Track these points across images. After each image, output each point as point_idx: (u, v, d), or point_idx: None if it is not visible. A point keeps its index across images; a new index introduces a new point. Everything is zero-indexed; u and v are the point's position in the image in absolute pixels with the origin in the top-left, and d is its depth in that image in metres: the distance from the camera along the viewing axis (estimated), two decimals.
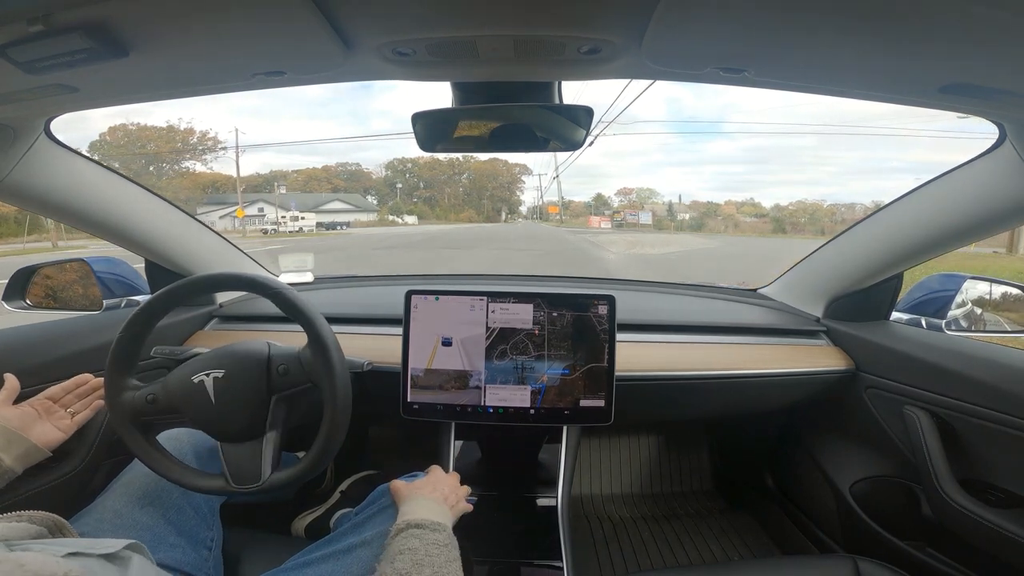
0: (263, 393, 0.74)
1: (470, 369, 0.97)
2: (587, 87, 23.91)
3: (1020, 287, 1.11)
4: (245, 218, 37.48)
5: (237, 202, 39.21)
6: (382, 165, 76.21)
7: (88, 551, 0.47)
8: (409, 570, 0.58)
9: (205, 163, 44.38)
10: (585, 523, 1.51)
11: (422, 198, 76.92)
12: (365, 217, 53.69)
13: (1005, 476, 0.86)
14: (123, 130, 43.65)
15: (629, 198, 73.73)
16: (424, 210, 72.47)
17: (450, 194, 78.25)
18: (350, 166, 73.51)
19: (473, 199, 79.21)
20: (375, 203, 66.69)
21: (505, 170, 79.67)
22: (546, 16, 0.54)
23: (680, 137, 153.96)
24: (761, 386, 1.13)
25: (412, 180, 77.60)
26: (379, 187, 72.98)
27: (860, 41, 0.51)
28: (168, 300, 0.76)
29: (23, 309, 1.12)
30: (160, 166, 43.71)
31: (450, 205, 76.71)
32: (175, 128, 45.65)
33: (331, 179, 68.11)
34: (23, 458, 0.71)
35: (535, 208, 76.16)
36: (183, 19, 0.51)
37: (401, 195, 73.84)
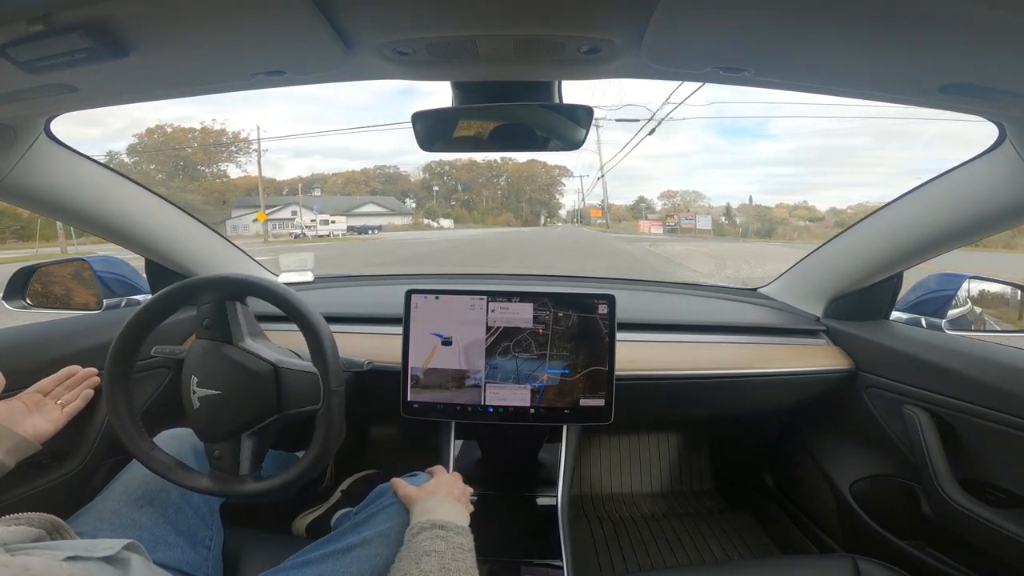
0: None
1: (470, 368, 0.97)
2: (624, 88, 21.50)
3: (1020, 287, 1.11)
4: (280, 221, 37.60)
5: (274, 204, 39.36)
6: (420, 168, 75.43)
7: (87, 554, 0.47)
8: (437, 574, 0.58)
9: (239, 165, 44.32)
10: (585, 522, 1.51)
11: (459, 201, 75.69)
12: (399, 220, 52.47)
13: (1005, 476, 0.86)
14: (160, 131, 43.75)
15: (673, 201, 70.21)
16: (461, 213, 71.09)
17: (487, 197, 76.80)
18: (388, 169, 73.05)
19: (511, 202, 77.59)
20: (412, 206, 65.60)
21: (544, 172, 78.18)
22: (546, 16, 0.54)
23: (724, 138, 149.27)
24: (761, 386, 1.13)
25: (449, 183, 76.36)
26: (417, 190, 72.03)
27: (860, 41, 0.51)
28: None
29: (23, 308, 1.13)
30: (197, 168, 43.67)
31: (487, 208, 75.26)
32: (209, 129, 45.78)
33: (369, 182, 67.71)
34: (14, 452, 0.71)
35: (575, 211, 74.14)
36: (183, 19, 0.51)
37: (438, 198, 72.71)
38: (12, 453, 0.71)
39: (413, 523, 0.68)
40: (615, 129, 54.93)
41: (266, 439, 0.77)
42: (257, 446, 0.75)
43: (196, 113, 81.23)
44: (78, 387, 0.85)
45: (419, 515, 0.69)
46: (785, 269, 1.39)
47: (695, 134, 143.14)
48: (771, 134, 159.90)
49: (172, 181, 41.91)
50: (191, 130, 44.87)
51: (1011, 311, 1.16)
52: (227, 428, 0.73)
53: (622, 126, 47.15)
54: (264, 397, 0.73)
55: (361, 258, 13.95)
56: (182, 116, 70.31)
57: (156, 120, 58.44)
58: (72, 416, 0.82)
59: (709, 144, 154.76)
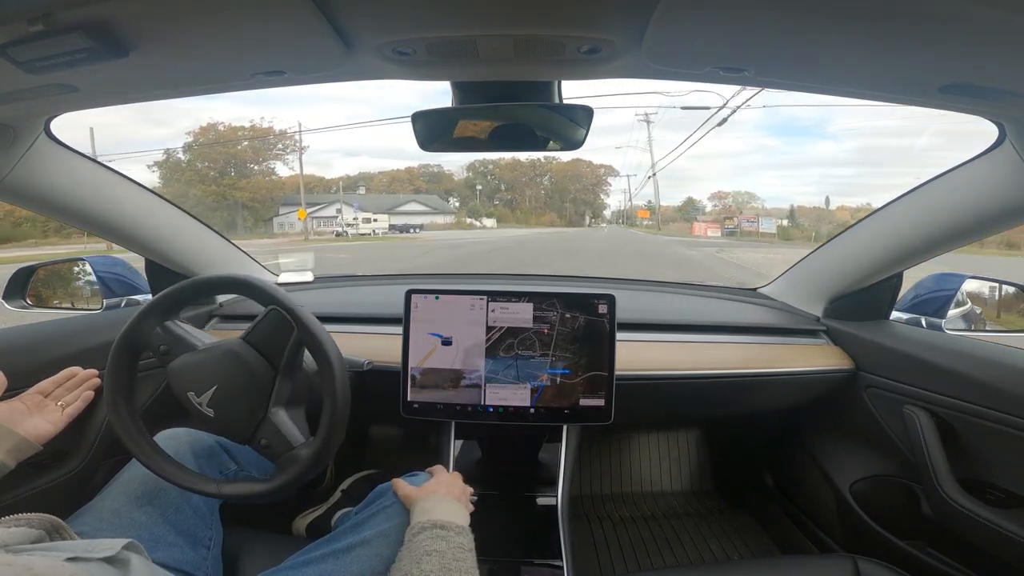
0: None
1: (470, 368, 0.97)
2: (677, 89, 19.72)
3: (1020, 286, 1.12)
4: (324, 219, 37.54)
5: (320, 202, 39.11)
6: (464, 167, 73.78)
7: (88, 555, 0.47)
8: (438, 574, 0.58)
9: (287, 163, 44.27)
10: (585, 522, 1.51)
11: (503, 200, 73.93)
12: (442, 219, 51.16)
13: (1005, 476, 0.86)
14: (213, 129, 43.93)
15: (724, 202, 65.61)
16: (504, 213, 69.27)
17: (531, 196, 74.74)
18: (432, 168, 71.29)
19: (555, 201, 74.92)
20: (456, 205, 64.42)
21: (589, 171, 75.54)
22: (546, 16, 0.54)
23: (778, 138, 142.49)
24: (761, 385, 1.13)
25: (493, 182, 74.74)
26: (460, 189, 70.68)
27: (860, 41, 0.51)
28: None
29: (23, 308, 1.13)
30: (247, 166, 43.78)
31: (531, 208, 73.26)
32: (257, 127, 45.61)
33: (413, 181, 66.54)
34: (14, 452, 0.71)
35: (620, 212, 71.29)
36: (183, 19, 0.51)
37: (481, 197, 71.32)
38: (12, 453, 0.71)
39: (413, 523, 0.68)
40: (664, 128, 53.14)
41: (295, 401, 0.76)
42: (291, 413, 0.75)
43: (248, 112, 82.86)
44: (78, 388, 0.85)
45: (419, 515, 0.69)
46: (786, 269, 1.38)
47: (747, 134, 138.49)
48: (830, 134, 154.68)
49: (223, 178, 42.01)
50: (241, 128, 45.18)
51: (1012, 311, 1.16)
52: (248, 413, 0.73)
53: (672, 124, 44.91)
54: (252, 366, 0.73)
55: (375, 263, 12.71)
56: (237, 116, 71.88)
57: (209, 119, 58.99)
58: (72, 417, 0.82)
59: (762, 144, 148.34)
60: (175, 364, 0.75)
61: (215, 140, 42.67)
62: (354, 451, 1.56)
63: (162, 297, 0.77)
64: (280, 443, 0.72)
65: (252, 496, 0.74)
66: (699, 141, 24.02)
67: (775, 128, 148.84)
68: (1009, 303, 1.17)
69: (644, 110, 48.91)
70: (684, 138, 40.39)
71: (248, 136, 43.08)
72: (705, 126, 21.36)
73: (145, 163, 42.46)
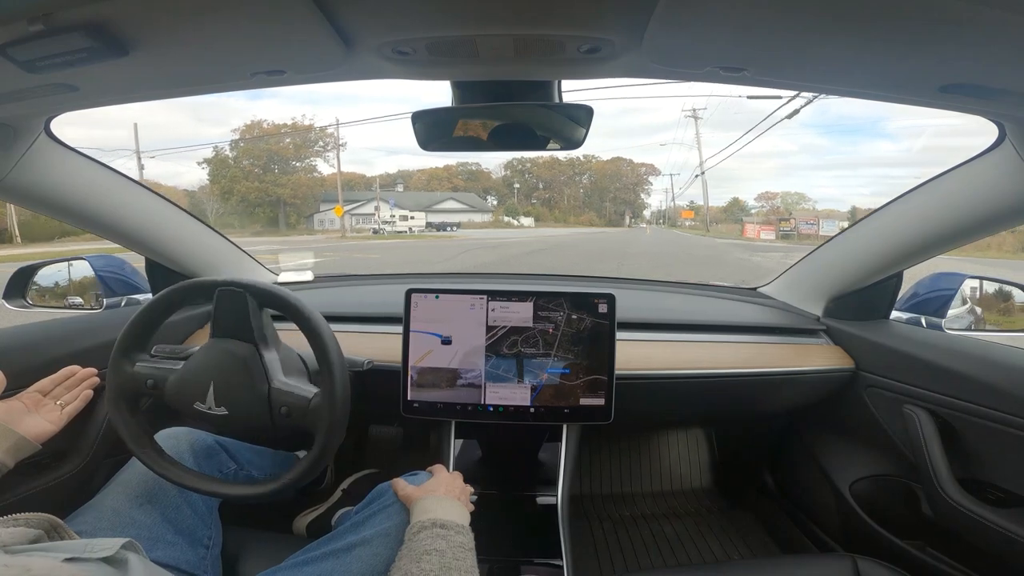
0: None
1: (470, 367, 0.97)
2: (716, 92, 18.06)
3: (1020, 286, 1.11)
4: (363, 216, 37.65)
5: (358, 199, 39.03)
6: (501, 165, 72.54)
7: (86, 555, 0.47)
8: (438, 573, 0.58)
9: (327, 160, 44.41)
10: (585, 522, 1.51)
11: (540, 199, 72.39)
12: (479, 218, 50.56)
13: (1005, 475, 0.86)
14: (257, 127, 44.28)
15: (772, 203, 60.80)
16: (542, 212, 67.89)
17: (569, 195, 72.91)
18: (470, 166, 69.92)
19: (594, 201, 72.86)
20: (493, 203, 63.45)
21: (629, 170, 73.37)
22: (546, 15, 0.54)
23: (829, 138, 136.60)
24: (761, 385, 1.13)
25: (530, 180, 73.29)
26: (498, 187, 69.63)
27: (860, 41, 0.51)
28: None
29: (24, 308, 1.13)
30: (290, 163, 44.04)
31: (569, 207, 71.38)
32: (298, 125, 46.11)
33: (451, 179, 65.76)
34: (13, 451, 0.71)
35: (661, 212, 67.73)
36: (183, 18, 0.51)
37: (519, 196, 70.13)
38: (11, 452, 0.71)
39: (413, 522, 0.68)
40: (712, 127, 50.70)
41: (291, 371, 0.78)
42: (292, 378, 0.76)
43: (291, 110, 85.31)
44: (78, 387, 0.85)
45: (419, 514, 0.69)
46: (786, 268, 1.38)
47: (795, 133, 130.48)
48: (887, 133, 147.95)
49: (266, 175, 42.56)
50: (284, 125, 45.63)
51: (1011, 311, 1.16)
52: (253, 393, 0.73)
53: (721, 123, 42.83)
54: (232, 351, 0.74)
55: (406, 267, 11.17)
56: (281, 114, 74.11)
57: (253, 116, 59.57)
58: (72, 416, 0.82)
59: (811, 143, 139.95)
60: (168, 389, 0.75)
61: (257, 136, 43.13)
62: (354, 450, 1.56)
63: (120, 339, 0.76)
64: (297, 402, 0.73)
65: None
66: (747, 139, 21.93)
67: (824, 127, 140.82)
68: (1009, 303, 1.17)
69: (692, 106, 45.99)
70: (730, 136, 38.17)
71: (289, 132, 43.42)
72: (770, 119, 18.44)
73: (195, 160, 42.92)
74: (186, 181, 56.54)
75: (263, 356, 0.74)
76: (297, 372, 0.84)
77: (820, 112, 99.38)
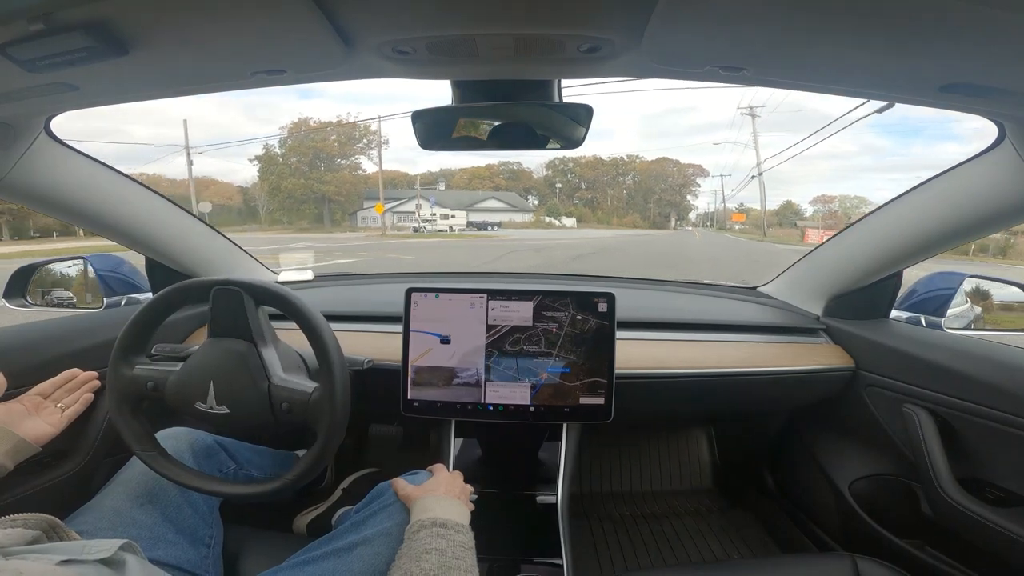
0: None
1: (470, 366, 0.97)
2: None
3: (1020, 285, 1.12)
4: (404, 214, 37.82)
5: (400, 197, 39.25)
6: (543, 165, 71.61)
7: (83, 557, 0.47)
8: (437, 572, 0.58)
9: (370, 158, 44.73)
10: (585, 521, 1.51)
11: (582, 200, 70.69)
12: (520, 217, 50.04)
13: (1004, 475, 0.86)
14: (304, 124, 44.62)
15: (829, 207, 59.96)
16: (584, 212, 66.08)
17: (612, 196, 70.84)
18: (512, 165, 69.42)
19: (637, 202, 70.98)
20: (534, 203, 62.60)
21: (676, 171, 71.34)
22: (546, 14, 0.54)
23: (891, 139, 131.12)
24: (761, 384, 1.13)
25: (572, 180, 71.86)
26: (539, 187, 68.76)
27: (859, 40, 0.51)
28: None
29: (24, 307, 1.13)
30: (335, 161, 44.58)
31: (612, 208, 69.33)
32: (343, 122, 46.46)
33: (493, 178, 65.44)
34: (13, 453, 0.71)
35: (708, 214, 66.37)
36: (183, 17, 0.51)
37: (561, 196, 68.66)
38: (11, 455, 0.71)
39: (413, 521, 0.68)
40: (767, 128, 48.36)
41: (291, 368, 0.78)
42: (292, 374, 0.76)
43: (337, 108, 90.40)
44: (78, 391, 0.85)
45: (419, 513, 0.69)
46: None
47: (854, 134, 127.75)
48: (954, 135, 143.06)
49: (312, 172, 43.11)
50: (329, 123, 45.93)
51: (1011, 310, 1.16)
52: (254, 391, 0.73)
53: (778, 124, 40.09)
54: (231, 350, 0.74)
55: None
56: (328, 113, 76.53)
57: (300, 114, 60.34)
58: (72, 419, 0.82)
59: (872, 145, 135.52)
60: (168, 390, 0.75)
61: (304, 132, 43.68)
62: (354, 449, 1.56)
63: (119, 343, 0.76)
64: (298, 397, 0.73)
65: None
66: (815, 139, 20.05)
67: (886, 128, 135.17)
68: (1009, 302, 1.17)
69: (749, 103, 43.75)
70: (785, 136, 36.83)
71: (335, 133, 43.65)
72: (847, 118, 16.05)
73: (246, 157, 43.51)
74: (240, 178, 57.47)
75: (261, 353, 0.74)
76: (296, 369, 0.84)
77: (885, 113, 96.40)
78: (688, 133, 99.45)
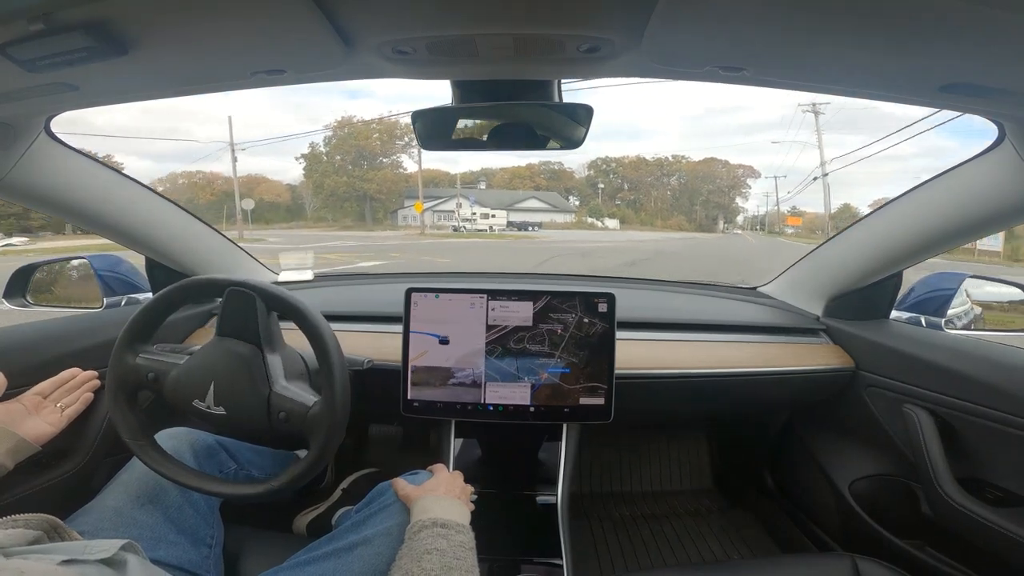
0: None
1: (470, 367, 0.97)
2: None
3: (1020, 286, 1.11)
4: (445, 213, 37.65)
5: (440, 196, 39.19)
6: (584, 165, 68.79)
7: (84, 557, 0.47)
8: (439, 573, 0.58)
9: (411, 156, 44.82)
10: (585, 521, 1.51)
11: (625, 201, 67.27)
12: (561, 218, 48.62)
13: (1004, 475, 0.86)
14: (348, 123, 45.00)
15: None
16: (627, 214, 62.58)
17: (656, 197, 67.06)
18: (552, 165, 66.69)
19: (683, 204, 66.08)
20: (575, 203, 60.51)
21: (725, 172, 66.72)
22: (545, 14, 0.54)
23: (956, 139, 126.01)
24: (761, 384, 1.13)
25: (615, 181, 68.61)
26: (580, 187, 66.28)
27: (859, 40, 0.51)
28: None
29: (24, 307, 1.13)
30: (378, 159, 44.93)
31: (656, 209, 65.44)
32: (385, 120, 46.89)
33: (533, 177, 63.56)
34: (13, 453, 0.71)
35: (756, 217, 62.74)
36: (182, 17, 0.51)
37: (603, 196, 65.78)
38: (11, 454, 0.71)
39: (414, 521, 0.68)
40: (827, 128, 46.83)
41: (293, 375, 0.78)
42: (294, 382, 0.76)
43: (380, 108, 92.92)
44: (78, 390, 0.85)
45: (420, 513, 0.69)
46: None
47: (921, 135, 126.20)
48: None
49: (355, 170, 43.48)
50: (372, 121, 46.57)
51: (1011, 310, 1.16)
52: (254, 396, 0.73)
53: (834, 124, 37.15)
54: (236, 352, 0.74)
55: None
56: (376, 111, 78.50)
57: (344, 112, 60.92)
58: (72, 419, 0.82)
59: (935, 146, 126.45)
60: (167, 384, 0.75)
61: (350, 134, 44.13)
62: (354, 450, 1.56)
63: (126, 329, 0.76)
64: (296, 408, 0.72)
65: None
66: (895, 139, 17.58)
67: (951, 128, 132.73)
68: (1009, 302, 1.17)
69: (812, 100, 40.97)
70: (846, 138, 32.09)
71: (377, 131, 44.16)
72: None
73: (293, 155, 43.92)
74: (290, 176, 58.10)
75: (266, 359, 0.74)
76: (299, 376, 0.84)
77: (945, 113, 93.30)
78: (734, 132, 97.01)
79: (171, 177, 50.95)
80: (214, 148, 40.60)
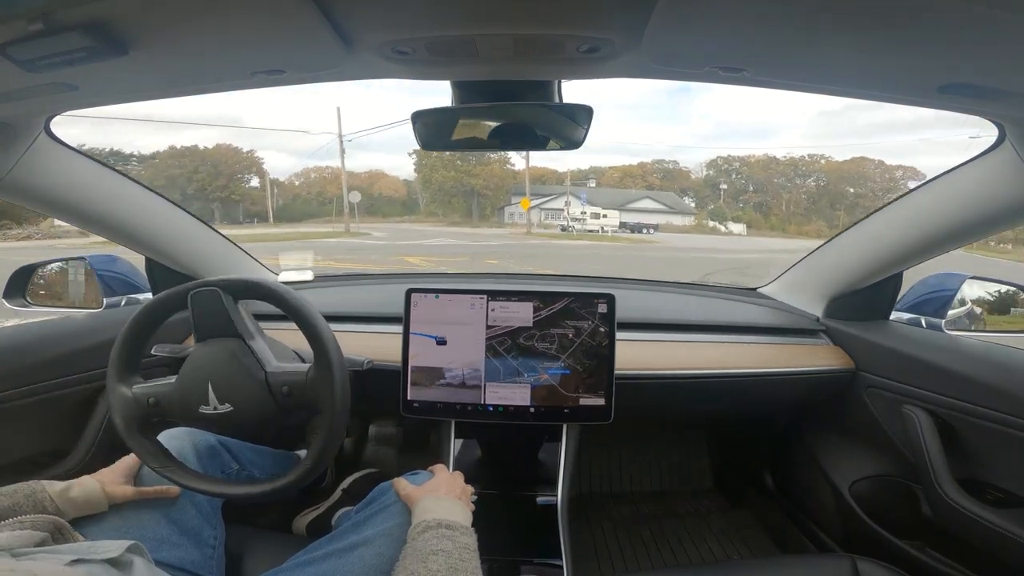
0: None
1: (470, 367, 0.97)
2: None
3: (1020, 286, 1.11)
4: (553, 212, 36.63)
5: (549, 194, 38.30)
6: (703, 164, 63.06)
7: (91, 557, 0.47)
8: (445, 574, 0.58)
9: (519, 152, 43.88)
10: (585, 522, 1.51)
11: (750, 203, 59.91)
12: (679, 220, 44.68)
13: (1004, 476, 0.86)
14: None
15: None
16: (754, 218, 55.65)
17: (788, 200, 59.06)
18: (667, 164, 62.25)
19: (822, 207, 56.95)
20: (692, 205, 54.72)
21: (878, 173, 56.91)
22: (545, 15, 0.54)
23: None
24: (761, 385, 1.13)
25: (739, 181, 61.70)
26: (698, 188, 60.66)
27: (859, 41, 0.51)
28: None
29: (24, 307, 1.13)
30: (486, 156, 43.84)
31: (789, 213, 57.45)
32: None
33: (646, 176, 59.04)
34: (71, 511, 0.68)
35: None
36: (182, 18, 0.51)
37: (725, 198, 59.38)
38: (70, 512, 0.67)
39: (417, 522, 0.67)
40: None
41: (285, 359, 0.77)
42: (286, 363, 0.76)
43: None
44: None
45: (422, 514, 0.69)
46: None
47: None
48: None
49: (462, 165, 43.15)
50: None
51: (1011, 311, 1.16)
52: (254, 383, 0.73)
53: None
54: (221, 349, 0.73)
55: None
56: None
57: None
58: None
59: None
60: (169, 402, 0.74)
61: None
62: (354, 450, 1.56)
63: (111, 366, 0.75)
64: (295, 379, 0.73)
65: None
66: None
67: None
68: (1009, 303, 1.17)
69: None
70: None
71: None
72: None
73: (406, 151, 43.72)
74: (407, 172, 57.98)
75: (251, 346, 0.74)
76: (289, 359, 0.83)
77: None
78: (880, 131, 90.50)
79: (304, 172, 51.93)
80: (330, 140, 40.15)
